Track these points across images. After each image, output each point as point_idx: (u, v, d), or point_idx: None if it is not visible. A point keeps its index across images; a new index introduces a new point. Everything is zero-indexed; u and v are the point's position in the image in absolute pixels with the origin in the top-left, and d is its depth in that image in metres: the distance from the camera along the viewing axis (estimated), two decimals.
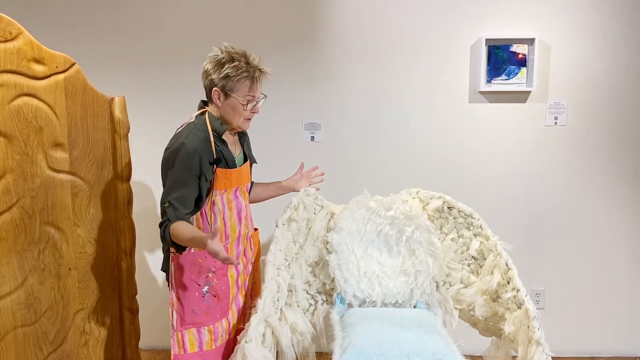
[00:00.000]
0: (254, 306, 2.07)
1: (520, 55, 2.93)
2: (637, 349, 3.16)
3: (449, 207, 2.49)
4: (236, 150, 2.17)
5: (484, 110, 3.01)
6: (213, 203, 2.06)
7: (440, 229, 2.52)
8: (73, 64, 2.01)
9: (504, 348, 2.32)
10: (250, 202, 2.33)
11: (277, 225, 2.37)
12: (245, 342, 2.00)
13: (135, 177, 2.18)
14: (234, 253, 2.14)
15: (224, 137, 2.08)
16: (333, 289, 2.51)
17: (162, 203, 1.96)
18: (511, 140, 3.03)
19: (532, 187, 3.06)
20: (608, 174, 3.04)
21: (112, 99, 2.10)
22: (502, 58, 2.94)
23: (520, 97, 2.99)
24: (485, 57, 2.92)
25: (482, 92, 2.98)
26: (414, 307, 2.48)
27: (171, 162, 1.95)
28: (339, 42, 2.99)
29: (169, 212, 1.94)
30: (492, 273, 2.36)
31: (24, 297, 2.04)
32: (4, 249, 1.98)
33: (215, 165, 2.03)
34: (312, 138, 3.07)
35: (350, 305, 2.49)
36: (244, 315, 2.21)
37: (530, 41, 2.90)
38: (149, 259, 3.17)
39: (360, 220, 2.50)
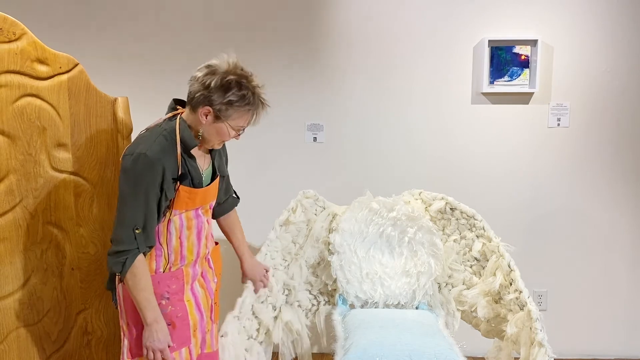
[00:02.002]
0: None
1: (523, 57, 2.93)
2: None
3: (451, 209, 2.49)
4: (204, 165, 1.92)
5: (487, 111, 3.01)
6: (169, 221, 1.82)
7: (443, 230, 2.52)
8: (76, 65, 2.02)
9: (506, 350, 2.32)
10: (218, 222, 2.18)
11: (273, 228, 2.38)
12: (221, 336, 2.06)
13: None
14: (190, 275, 1.91)
15: (192, 150, 1.85)
16: (335, 289, 2.51)
17: (131, 227, 1.71)
18: (514, 142, 3.03)
19: (534, 188, 3.06)
20: (611, 176, 3.04)
21: (115, 100, 2.10)
22: (504, 59, 2.93)
23: (523, 98, 2.99)
24: (488, 58, 2.92)
25: (484, 94, 2.98)
26: (416, 308, 2.48)
27: (130, 174, 1.71)
28: (342, 43, 2.99)
29: (140, 240, 1.72)
30: (494, 274, 2.36)
31: (27, 297, 2.04)
32: (7, 249, 1.98)
33: (178, 182, 1.79)
34: (315, 139, 3.07)
35: (352, 306, 2.49)
36: (201, 340, 1.97)
37: (533, 42, 2.90)
38: None
39: (363, 222, 2.50)
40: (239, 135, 1.86)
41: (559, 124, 3.00)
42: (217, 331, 2.07)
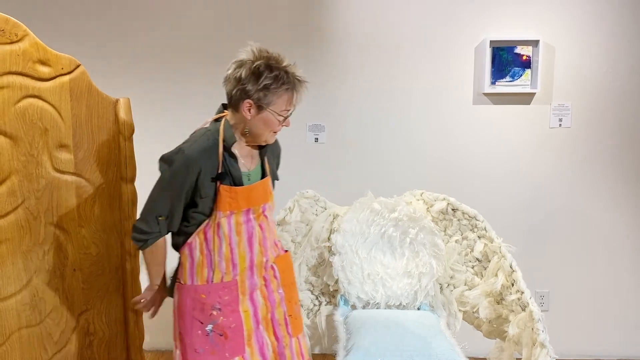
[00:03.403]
0: None
1: (524, 57, 2.92)
2: None
3: (453, 209, 2.49)
4: (251, 165, 1.90)
5: (488, 112, 3.01)
6: (218, 226, 1.82)
7: (444, 230, 2.52)
8: (78, 66, 2.02)
9: (508, 350, 2.32)
10: None
11: None
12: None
13: (139, 178, 2.18)
14: (247, 285, 1.87)
15: (237, 149, 1.85)
16: (337, 290, 2.51)
17: (156, 214, 1.80)
18: (515, 142, 3.03)
19: (536, 189, 3.06)
20: (612, 176, 3.03)
21: (117, 101, 2.10)
22: (506, 60, 2.93)
23: (525, 98, 2.99)
24: (490, 58, 2.91)
25: (486, 94, 2.98)
26: (418, 309, 2.48)
27: (167, 168, 1.77)
28: (343, 44, 2.99)
29: (162, 225, 1.82)
30: (496, 275, 2.36)
31: (29, 298, 2.04)
32: (9, 250, 1.99)
33: (218, 182, 1.80)
34: (316, 139, 3.07)
35: (353, 307, 2.49)
36: (279, 355, 1.93)
37: (535, 43, 2.90)
38: None
39: (364, 222, 2.50)
40: (287, 119, 1.84)
41: (560, 125, 3.00)
42: (297, 346, 1.98)
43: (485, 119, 3.01)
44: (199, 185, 1.78)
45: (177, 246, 1.91)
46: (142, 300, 1.99)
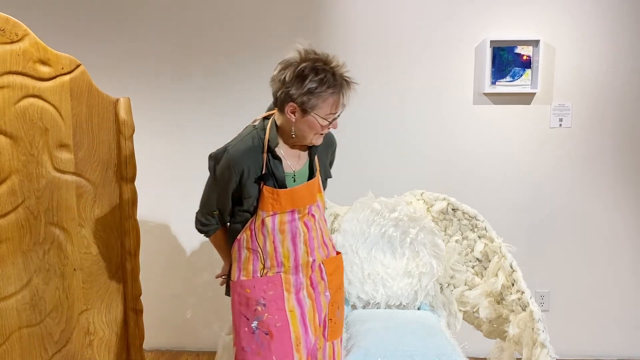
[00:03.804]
0: None
1: (524, 57, 2.92)
2: None
3: (453, 209, 2.49)
4: (297, 165, 1.85)
5: (489, 112, 3.01)
6: (262, 223, 1.82)
7: (445, 230, 2.52)
8: (78, 65, 2.02)
9: (508, 350, 2.32)
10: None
11: None
12: (227, 334, 2.04)
13: (139, 178, 2.19)
14: (291, 283, 1.84)
15: (282, 149, 1.82)
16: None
17: (210, 210, 1.87)
18: (516, 142, 3.03)
19: (536, 188, 3.05)
20: (613, 176, 3.03)
21: (117, 100, 2.10)
22: (506, 60, 2.93)
23: (525, 98, 2.98)
24: (490, 58, 2.91)
25: (486, 94, 2.97)
26: (418, 309, 2.48)
27: (215, 165, 1.81)
28: (343, 44, 2.99)
29: (217, 219, 1.90)
30: (496, 275, 2.36)
31: (29, 298, 2.04)
32: (9, 249, 1.99)
33: (262, 183, 1.79)
34: None
35: (354, 307, 2.49)
36: (311, 356, 1.87)
37: (535, 43, 2.90)
38: (154, 260, 3.17)
39: (364, 222, 2.50)
40: (334, 122, 1.78)
41: (560, 125, 3.00)
42: (331, 350, 1.95)
43: (486, 119, 3.01)
44: (242, 185, 1.79)
45: (231, 243, 1.94)
46: (223, 277, 2.08)
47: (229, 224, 1.93)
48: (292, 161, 1.84)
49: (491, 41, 2.90)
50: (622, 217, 3.05)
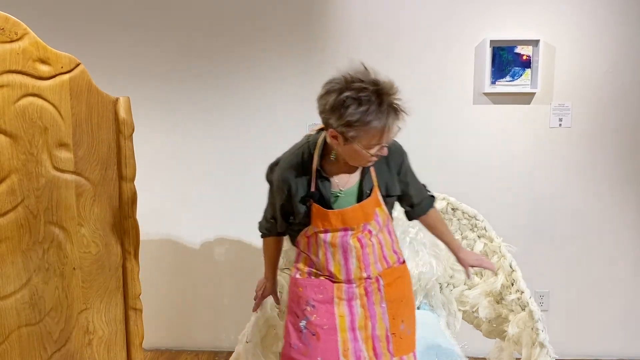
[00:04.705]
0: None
1: (524, 57, 2.92)
2: None
3: (453, 209, 2.49)
4: (346, 184, 1.77)
5: (488, 111, 3.01)
6: (316, 235, 1.78)
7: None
8: (78, 64, 2.02)
9: (507, 350, 2.32)
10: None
11: None
12: (247, 341, 2.01)
13: (139, 177, 2.18)
14: (344, 291, 1.80)
15: (332, 166, 1.73)
16: None
17: (268, 217, 1.96)
18: (515, 142, 3.03)
19: (535, 188, 3.06)
20: (613, 176, 3.03)
21: (117, 99, 2.10)
22: (506, 59, 2.93)
23: (525, 98, 2.98)
24: (490, 58, 2.91)
25: (486, 94, 2.97)
26: (418, 308, 2.48)
27: (269, 178, 1.88)
28: (343, 43, 2.99)
29: (272, 225, 1.95)
30: (496, 275, 2.36)
31: (29, 297, 2.04)
32: (8, 249, 1.98)
33: (310, 200, 1.74)
34: None
35: None
36: None
37: (535, 43, 2.90)
38: (153, 259, 3.17)
39: None
40: (382, 150, 1.67)
41: (560, 124, 3.00)
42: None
43: (485, 118, 3.01)
44: (291, 200, 1.78)
45: (293, 242, 1.97)
46: (258, 291, 2.11)
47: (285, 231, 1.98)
48: (340, 180, 1.76)
49: (491, 41, 2.90)
50: (622, 217, 3.06)
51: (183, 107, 3.07)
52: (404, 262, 1.92)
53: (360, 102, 1.55)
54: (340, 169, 1.75)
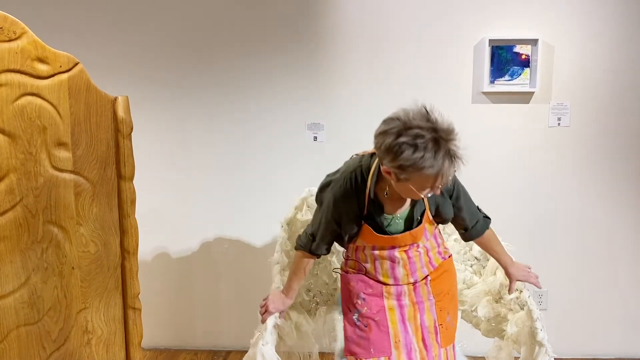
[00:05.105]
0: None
1: (523, 56, 2.92)
2: None
3: None
4: (398, 209, 1.81)
5: (487, 111, 3.01)
6: (364, 246, 1.89)
7: (443, 229, 2.52)
8: (77, 64, 2.02)
9: (506, 349, 2.32)
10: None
11: (282, 226, 2.38)
12: (262, 344, 1.99)
13: (138, 176, 2.18)
14: (392, 293, 1.91)
15: (383, 192, 1.77)
16: (335, 289, 2.50)
17: (310, 232, 1.94)
18: (514, 141, 3.03)
19: (534, 188, 3.06)
20: (612, 175, 3.03)
21: (116, 99, 2.10)
22: (505, 59, 2.93)
23: (524, 97, 2.99)
24: (489, 57, 2.91)
25: (485, 93, 2.97)
26: None
27: (319, 200, 1.92)
28: (342, 43, 2.99)
29: (309, 242, 1.95)
30: (494, 274, 2.36)
31: (27, 296, 2.04)
32: (7, 248, 1.98)
33: (363, 222, 1.80)
34: (315, 138, 3.07)
35: None
36: None
37: (534, 42, 2.90)
38: (152, 259, 3.17)
39: None
40: (436, 192, 1.68)
41: (559, 124, 3.00)
42: (445, 357, 1.95)
43: (484, 118, 3.01)
44: (342, 223, 1.83)
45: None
46: (264, 302, 2.03)
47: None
48: (393, 205, 1.80)
49: (490, 40, 2.90)
50: (621, 216, 3.06)
51: (182, 106, 3.07)
52: (450, 256, 2.01)
53: (416, 148, 1.54)
54: (393, 195, 1.76)
